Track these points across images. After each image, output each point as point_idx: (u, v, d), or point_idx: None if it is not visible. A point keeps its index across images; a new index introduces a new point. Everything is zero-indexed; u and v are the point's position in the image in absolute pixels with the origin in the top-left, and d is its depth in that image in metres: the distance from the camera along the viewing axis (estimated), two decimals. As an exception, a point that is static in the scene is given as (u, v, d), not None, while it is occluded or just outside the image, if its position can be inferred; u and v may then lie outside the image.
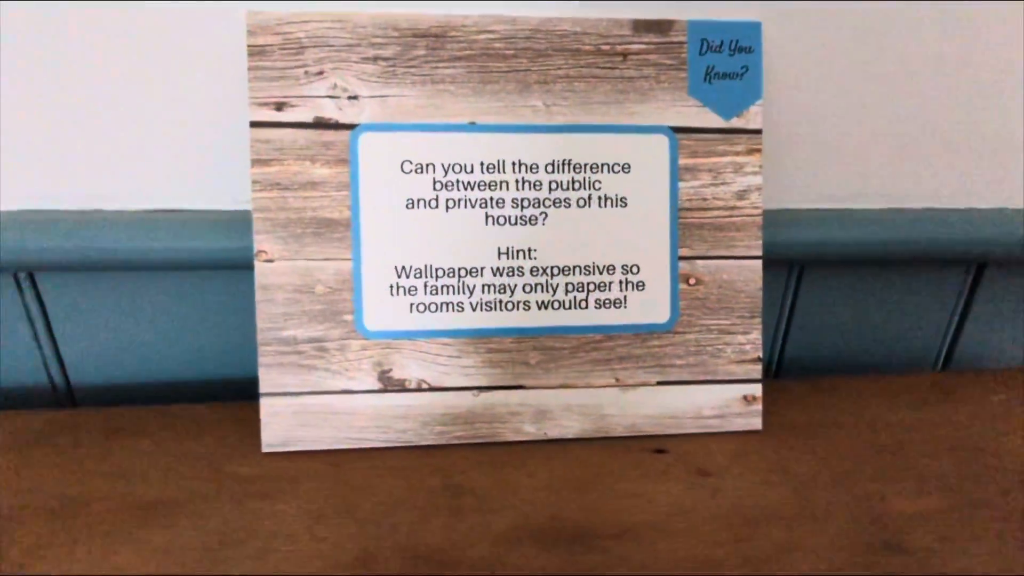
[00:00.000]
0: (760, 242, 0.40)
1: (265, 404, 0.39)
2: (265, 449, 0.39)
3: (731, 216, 0.40)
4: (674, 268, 0.40)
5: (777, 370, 0.50)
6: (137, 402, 0.44)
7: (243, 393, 0.44)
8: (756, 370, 0.41)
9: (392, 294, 0.39)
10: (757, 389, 0.41)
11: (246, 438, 0.40)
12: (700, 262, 0.40)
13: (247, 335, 0.41)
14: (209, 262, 0.42)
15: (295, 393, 0.39)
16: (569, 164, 0.39)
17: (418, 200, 0.38)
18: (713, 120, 0.40)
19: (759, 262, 0.40)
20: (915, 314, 0.49)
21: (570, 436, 0.40)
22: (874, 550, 0.34)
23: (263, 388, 0.39)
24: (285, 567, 0.32)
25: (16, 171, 0.41)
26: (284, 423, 0.39)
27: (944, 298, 0.49)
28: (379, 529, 0.34)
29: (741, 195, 0.40)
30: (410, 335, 0.39)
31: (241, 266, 0.40)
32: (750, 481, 0.38)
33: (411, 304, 0.39)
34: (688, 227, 0.40)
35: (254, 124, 0.38)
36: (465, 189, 0.38)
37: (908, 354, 0.50)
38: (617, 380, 0.40)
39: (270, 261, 0.38)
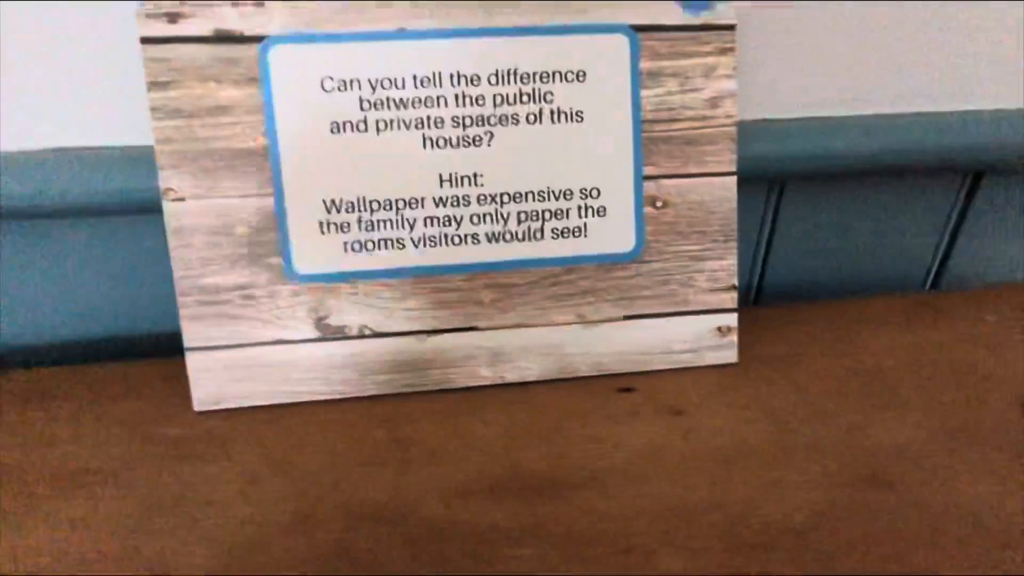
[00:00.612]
0: (734, 156, 0.36)
1: (192, 360, 0.35)
2: (197, 407, 0.36)
3: (702, 127, 0.36)
4: (638, 190, 0.36)
5: (756, 297, 0.47)
6: (60, 363, 0.40)
7: (174, 348, 0.40)
8: (731, 299, 0.37)
9: (323, 232, 0.35)
10: (732, 319, 0.38)
11: (176, 397, 0.36)
12: (667, 181, 0.36)
13: (171, 284, 0.37)
14: (119, 205, 0.37)
15: (224, 346, 0.35)
16: (515, 74, 0.34)
17: (344, 123, 0.34)
18: (679, 16, 0.35)
19: (733, 179, 0.36)
20: (905, 231, 0.46)
21: (530, 379, 0.37)
22: (857, 486, 0.31)
23: (188, 342, 0.35)
24: (217, 534, 0.29)
25: None
26: (215, 379, 0.35)
27: (936, 212, 0.45)
28: (319, 488, 0.31)
29: (713, 103, 0.35)
30: (346, 277, 0.35)
31: (156, 208, 0.35)
32: (725, 418, 0.35)
33: (345, 243, 0.35)
34: (653, 142, 0.35)
35: (145, 40, 0.32)
36: (397, 108, 0.34)
37: (897, 274, 0.47)
38: (579, 316, 0.37)
39: (180, 200, 0.34)
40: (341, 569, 0.27)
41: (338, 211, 0.34)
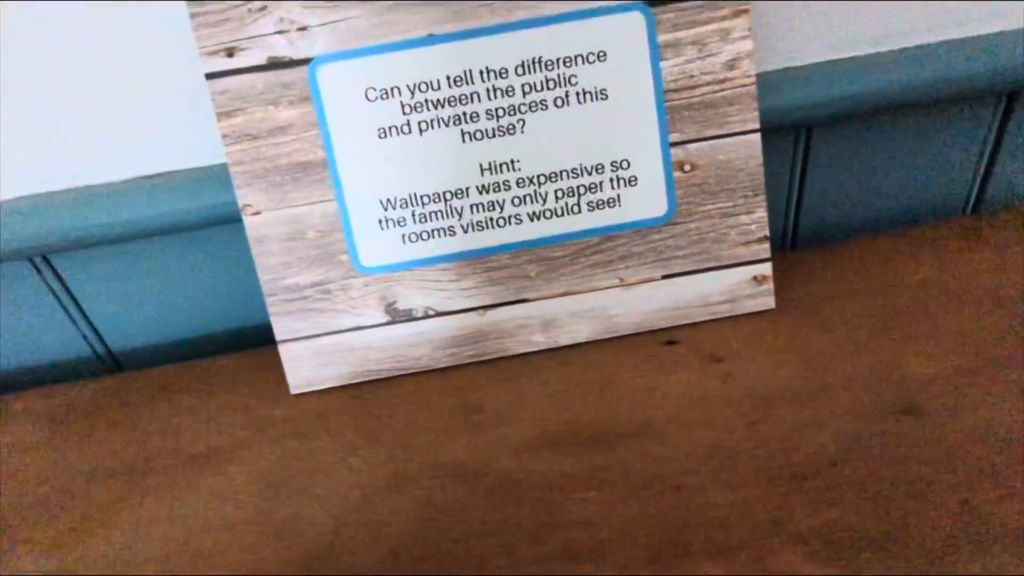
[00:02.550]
0: (756, 114, 0.37)
1: (284, 350, 0.40)
2: (293, 391, 0.41)
3: (721, 90, 0.37)
4: (666, 157, 0.38)
5: (793, 242, 0.48)
6: (175, 358, 0.46)
7: (267, 339, 0.45)
8: (764, 249, 0.40)
9: (382, 228, 0.38)
10: (767, 268, 0.40)
11: (274, 383, 0.41)
12: (693, 146, 0.38)
13: (257, 283, 0.42)
14: (207, 219, 0.42)
15: (309, 336, 0.40)
16: (540, 62, 0.36)
17: (389, 128, 0.37)
18: (692, -15, 0.36)
19: (757, 136, 0.38)
20: (940, 161, 0.46)
21: (580, 340, 0.41)
22: (890, 416, 0.34)
23: (278, 336, 0.40)
24: (329, 499, 0.35)
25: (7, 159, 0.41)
26: (305, 365, 0.41)
27: (970, 139, 0.45)
28: (406, 452, 0.36)
29: (731, 65, 0.37)
30: (407, 265, 0.39)
31: (237, 218, 0.40)
32: (763, 362, 0.38)
33: (402, 235, 0.39)
34: (676, 110, 0.37)
35: (209, 76, 0.36)
36: (435, 108, 0.37)
37: (934, 206, 0.48)
38: (620, 280, 0.40)
39: (257, 214, 0.38)
40: (433, 521, 0.32)
41: (393, 208, 0.38)
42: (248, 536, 0.33)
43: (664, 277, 0.40)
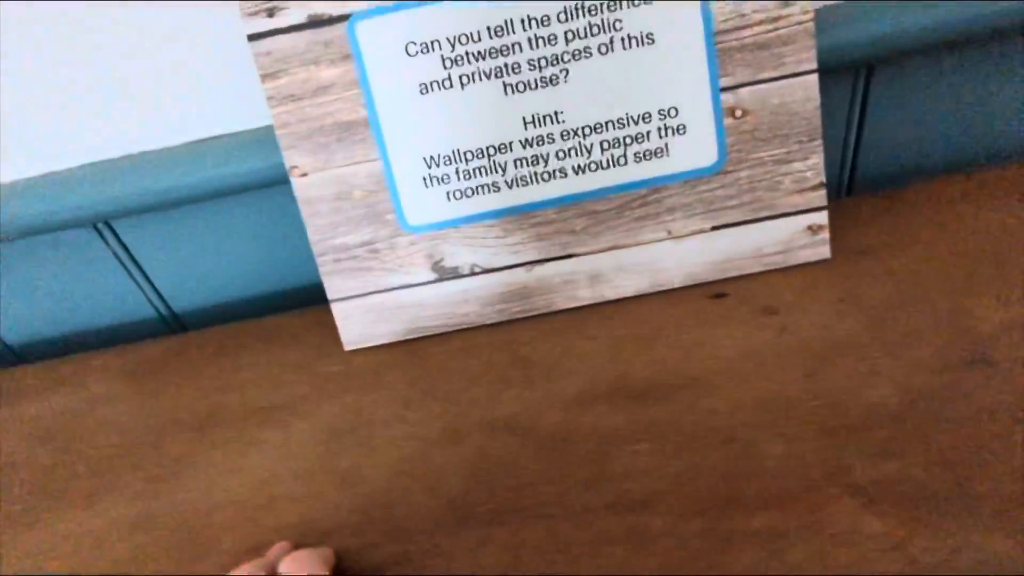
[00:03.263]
0: (813, 53, 0.35)
1: (336, 309, 0.41)
2: (347, 348, 0.42)
3: (776, 29, 0.35)
4: (716, 103, 0.37)
5: (850, 188, 0.46)
6: (235, 318, 0.48)
7: (323, 296, 0.46)
8: (820, 197, 0.38)
9: (427, 186, 0.38)
10: (822, 217, 0.38)
11: (330, 340, 0.43)
12: (745, 90, 0.36)
13: (308, 244, 0.43)
14: (260, 181, 0.43)
15: (360, 295, 0.41)
16: (583, 8, 0.35)
17: (431, 83, 0.36)
18: (745, -85, 0.34)
19: (814, 76, 0.36)
20: (1008, 100, 0.43)
21: (627, 295, 0.40)
22: (956, 367, 0.32)
23: (330, 295, 0.41)
24: (387, 450, 0.36)
25: (61, 130, 0.42)
26: (358, 323, 0.42)
27: (1051, 70, 0.42)
28: (459, 406, 0.37)
29: (786, 1, 0.35)
30: (453, 223, 0.39)
31: (288, 180, 0.40)
32: (819, 314, 0.37)
33: (447, 192, 0.39)
34: (727, 52, 0.36)
35: (251, 37, 0.36)
36: (476, 60, 0.36)
37: (1000, 148, 0.45)
38: (669, 233, 0.39)
39: (304, 175, 0.39)
40: (487, 471, 0.33)
41: (437, 165, 0.38)
42: (312, 484, 0.35)
43: (714, 228, 0.39)
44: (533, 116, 0.37)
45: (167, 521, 0.35)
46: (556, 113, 0.37)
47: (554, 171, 0.38)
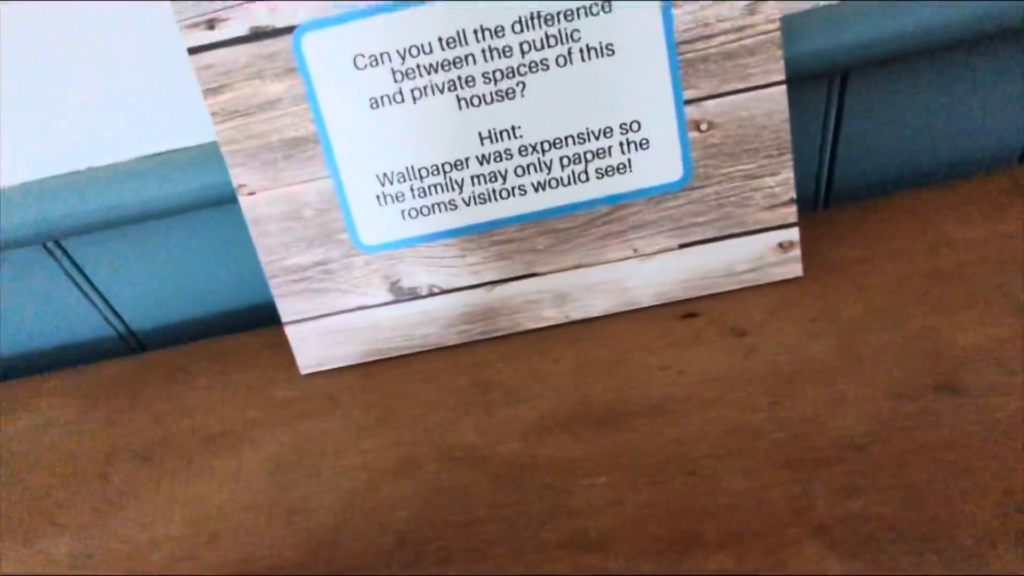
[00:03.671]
0: (781, 64, 0.34)
1: (290, 331, 0.40)
2: (303, 371, 0.41)
3: (741, 39, 0.33)
4: (680, 116, 0.35)
5: (826, 200, 0.45)
6: (194, 336, 0.46)
7: (275, 317, 0.45)
8: (791, 213, 0.37)
9: (381, 204, 0.37)
10: (793, 233, 0.37)
11: (284, 362, 0.41)
12: (710, 102, 0.35)
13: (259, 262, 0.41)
14: (212, 198, 0.41)
15: (314, 317, 0.39)
16: (539, 17, 0.33)
17: (381, 97, 0.35)
18: (706, -81, 0.32)
19: (782, 88, 0.34)
20: (987, 108, 0.41)
21: (594, 315, 0.39)
22: (926, 394, 0.31)
23: (284, 317, 0.40)
24: (337, 482, 0.34)
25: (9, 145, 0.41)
26: (313, 345, 0.40)
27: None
28: (414, 434, 0.36)
29: (751, 9, 0.33)
30: (409, 242, 0.38)
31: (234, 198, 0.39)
32: (789, 335, 0.35)
33: (402, 211, 0.37)
34: (691, 63, 0.34)
35: (192, 50, 0.35)
36: (428, 73, 0.34)
37: (981, 159, 0.43)
38: (635, 251, 0.37)
39: (252, 193, 0.37)
40: (438, 506, 0.32)
41: (391, 183, 0.36)
42: (259, 519, 0.34)
43: (682, 246, 0.37)
44: (489, 131, 0.35)
45: (106, 560, 0.33)
46: (513, 128, 0.35)
47: (513, 188, 0.36)
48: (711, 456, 0.31)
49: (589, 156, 0.36)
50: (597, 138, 0.35)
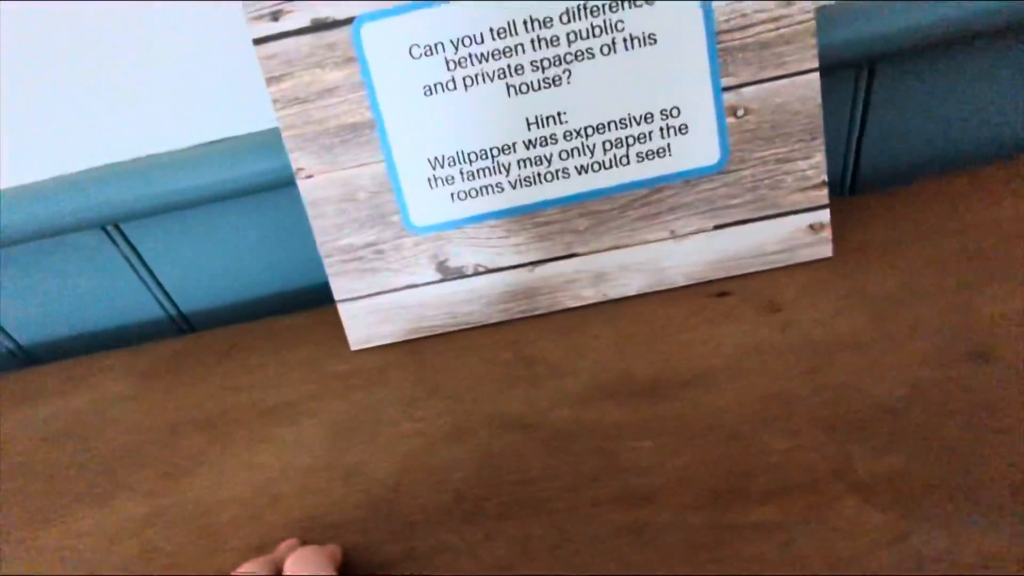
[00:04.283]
0: (815, 52, 0.36)
1: (342, 309, 0.42)
2: (353, 347, 0.43)
3: (777, 28, 0.35)
4: (718, 102, 0.37)
5: (852, 186, 0.46)
6: (243, 318, 0.48)
7: (330, 296, 0.47)
8: (822, 196, 0.38)
9: (431, 187, 0.39)
10: (824, 215, 0.39)
11: (336, 339, 0.43)
12: (747, 89, 0.37)
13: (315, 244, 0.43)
14: (267, 182, 0.43)
15: (365, 296, 0.41)
16: (585, 8, 0.35)
17: (435, 84, 0.37)
18: (744, -84, 0.34)
19: (816, 75, 0.36)
20: (1012, 96, 0.43)
21: (631, 294, 0.41)
22: (958, 362, 0.33)
23: (337, 296, 0.42)
24: (393, 446, 0.36)
25: (65, 135, 0.43)
26: (363, 323, 0.42)
27: (1052, 67, 0.42)
28: (465, 404, 0.38)
29: (787, 0, 0.35)
30: (457, 224, 0.40)
31: (294, 181, 0.41)
32: (822, 311, 0.37)
33: (451, 193, 0.39)
34: (729, 52, 0.36)
35: (257, 41, 0.37)
36: (480, 62, 0.36)
37: (1005, 146, 0.45)
38: (671, 232, 0.39)
39: (310, 177, 0.39)
40: (493, 467, 0.34)
41: (442, 167, 0.39)
42: (320, 481, 0.35)
43: (716, 228, 0.39)
44: (536, 117, 0.37)
45: (177, 518, 0.35)
46: (559, 114, 0.37)
47: (557, 171, 0.38)
48: (752, 421, 0.33)
49: (630, 140, 0.38)
50: (638, 123, 0.37)
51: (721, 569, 0.27)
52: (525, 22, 0.36)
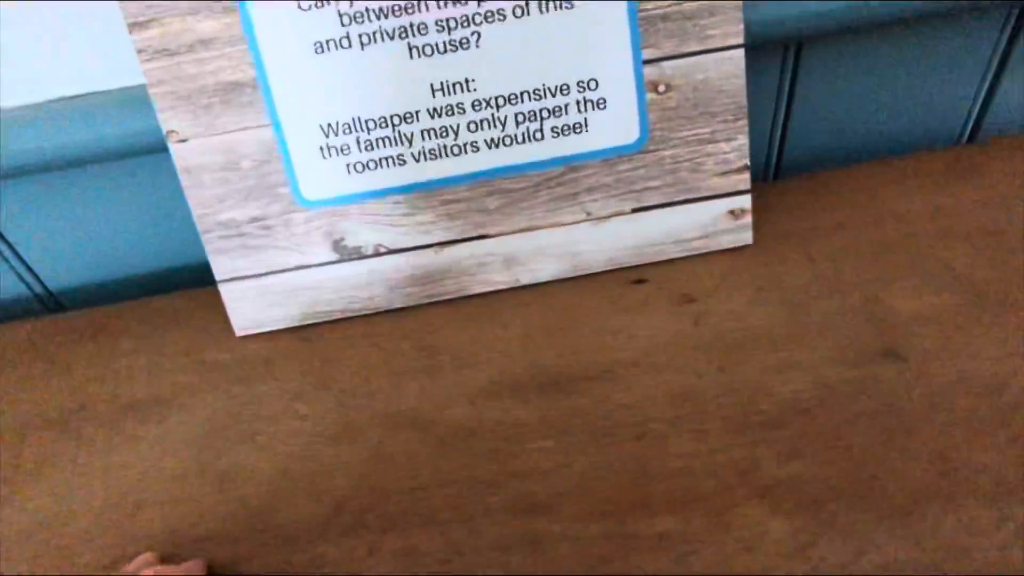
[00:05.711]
0: (741, 27, 0.33)
1: (225, 290, 0.38)
2: (238, 334, 0.38)
3: (702, -2, 0.33)
4: (639, 76, 0.34)
5: (776, 172, 0.45)
6: (118, 298, 0.43)
7: (209, 278, 0.42)
8: (743, 180, 0.36)
9: (324, 157, 0.35)
10: (745, 201, 0.37)
11: (219, 324, 0.39)
12: (669, 63, 0.34)
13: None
14: (136, 146, 0.38)
15: (251, 276, 0.37)
16: (496, -36, 0.32)
17: (327, 41, 0.33)
18: None
19: (741, 52, 0.34)
20: (941, 81, 0.42)
21: (544, 279, 0.38)
22: (869, 361, 0.32)
23: (218, 275, 0.37)
24: (273, 448, 0.33)
25: None
26: (250, 306, 0.38)
27: (975, 57, 0.41)
28: (356, 399, 0.34)
29: (713, -32, 0.32)
30: (354, 198, 0.36)
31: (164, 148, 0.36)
32: (737, 302, 0.35)
33: (347, 165, 0.35)
34: (651, 21, 0.33)
35: (115, -22, 0.31)
36: (378, 18, 0.32)
37: (934, 132, 0.44)
38: (588, 214, 0.37)
39: (184, 141, 0.34)
40: (380, 472, 0.31)
41: (336, 134, 0.34)
42: (188, 487, 0.32)
43: (634, 211, 0.37)
44: (442, 83, 0.34)
45: (17, 531, 0.31)
46: (467, 81, 0.34)
47: (465, 144, 0.35)
48: (659, 420, 0.31)
49: (545, 114, 0.35)
50: (553, 95, 0.34)
51: (617, 584, 0.26)
52: (429, -26, 0.32)
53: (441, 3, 0.32)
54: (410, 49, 0.33)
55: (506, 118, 0.35)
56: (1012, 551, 0.24)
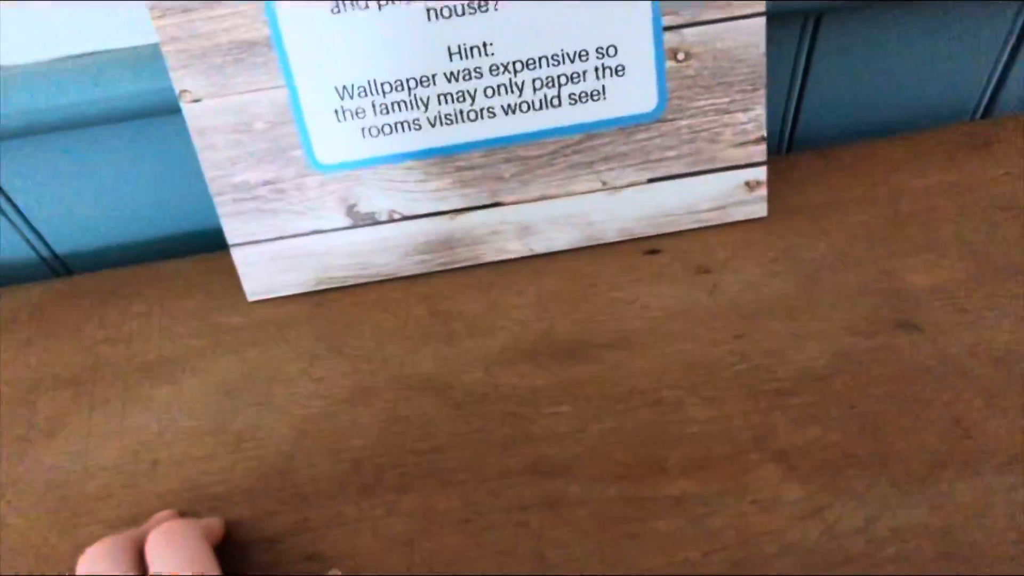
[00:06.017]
0: (763, -7, 0.33)
1: (237, 255, 0.37)
2: (250, 298, 0.38)
3: (725, -36, 0.32)
4: (658, 43, 0.34)
5: (790, 145, 0.45)
6: (127, 263, 0.43)
7: (222, 243, 0.42)
8: (760, 151, 0.36)
9: (339, 120, 0.34)
10: (761, 173, 0.37)
11: (231, 289, 0.39)
12: (689, 31, 0.34)
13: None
14: (148, 106, 0.37)
15: (264, 240, 0.37)
16: (518, -76, 0.31)
17: (343, 1, 0.32)
18: None
19: (762, 20, 0.34)
20: (957, 58, 0.42)
21: (558, 248, 0.38)
22: (884, 330, 0.32)
23: (230, 239, 0.37)
24: (289, 409, 0.33)
25: None
26: (262, 271, 0.38)
27: (992, 34, 0.41)
28: (371, 363, 0.34)
29: (737, -67, 0.32)
30: (368, 163, 0.35)
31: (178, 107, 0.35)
32: (752, 273, 0.35)
33: (362, 128, 0.35)
34: (673, -13, 0.33)
35: (128, -69, 0.31)
36: (396, -22, 0.32)
37: (948, 107, 0.44)
38: (603, 183, 0.37)
39: (197, 101, 0.34)
40: (397, 434, 0.31)
41: (351, 97, 0.34)
42: (205, 446, 0.32)
43: (650, 180, 0.37)
44: (459, 47, 0.33)
45: (34, 488, 0.31)
46: (485, 44, 0.33)
47: (481, 110, 0.35)
48: (675, 387, 0.31)
49: (563, 80, 0.34)
50: (572, 61, 0.34)
51: (635, 545, 0.26)
52: (449, -66, 0.31)
53: (461, -36, 0.32)
54: (428, 11, 0.32)
55: (523, 84, 0.34)
56: None
